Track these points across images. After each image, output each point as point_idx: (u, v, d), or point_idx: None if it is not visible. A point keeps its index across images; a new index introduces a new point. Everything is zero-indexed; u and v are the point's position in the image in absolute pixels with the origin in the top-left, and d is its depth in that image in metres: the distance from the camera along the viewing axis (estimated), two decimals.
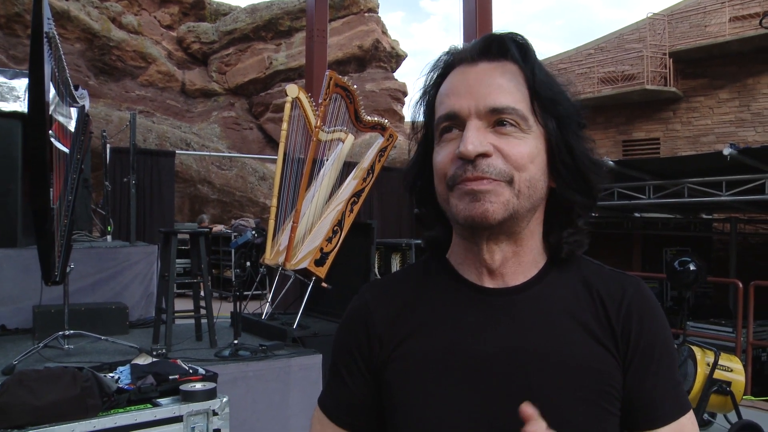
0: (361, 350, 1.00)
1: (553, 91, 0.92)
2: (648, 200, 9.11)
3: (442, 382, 0.92)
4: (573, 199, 0.94)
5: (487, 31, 9.02)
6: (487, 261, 0.94)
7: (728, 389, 4.58)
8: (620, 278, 0.98)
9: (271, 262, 4.67)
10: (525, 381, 0.89)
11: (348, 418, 1.02)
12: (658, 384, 0.93)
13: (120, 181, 7.29)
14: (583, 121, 0.96)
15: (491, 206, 0.88)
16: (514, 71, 0.92)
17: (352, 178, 5.04)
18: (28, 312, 4.35)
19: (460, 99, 0.91)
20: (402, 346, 0.96)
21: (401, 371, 0.96)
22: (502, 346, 0.91)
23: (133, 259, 5.28)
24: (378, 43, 21.04)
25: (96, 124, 12.38)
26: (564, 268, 0.98)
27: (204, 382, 2.74)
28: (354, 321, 1.03)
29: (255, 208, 16.56)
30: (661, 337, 0.95)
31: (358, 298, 1.05)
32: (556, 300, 0.94)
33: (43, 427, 2.20)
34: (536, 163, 0.90)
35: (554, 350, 0.90)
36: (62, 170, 3.67)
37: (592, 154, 0.95)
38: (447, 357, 0.93)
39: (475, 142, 0.87)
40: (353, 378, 1.01)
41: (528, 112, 0.90)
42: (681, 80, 15.27)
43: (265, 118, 19.52)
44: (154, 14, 19.83)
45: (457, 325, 0.94)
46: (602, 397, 0.89)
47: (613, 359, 0.91)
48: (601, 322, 0.93)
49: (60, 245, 3.52)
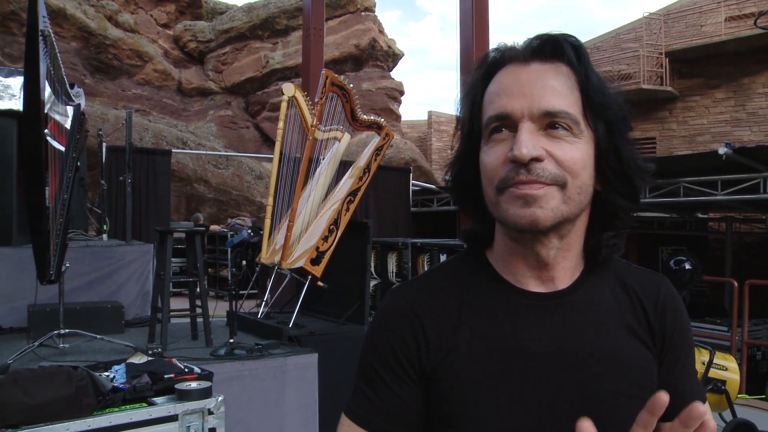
0: (409, 353, 0.94)
1: (604, 96, 0.91)
2: (644, 199, 9.11)
3: (497, 387, 0.90)
4: (618, 203, 0.95)
5: (483, 30, 9.03)
6: (541, 259, 0.94)
7: (723, 388, 4.59)
8: (651, 276, 1.03)
9: (267, 261, 4.67)
10: (580, 382, 0.90)
11: (385, 425, 0.95)
12: (685, 376, 0.99)
13: (116, 180, 7.28)
14: (630, 126, 0.95)
15: (541, 212, 0.87)
16: (567, 74, 0.90)
17: (348, 177, 5.03)
18: (23, 311, 4.33)
19: (513, 99, 0.89)
20: (453, 352, 0.93)
21: (453, 377, 0.92)
22: (554, 347, 0.92)
23: (128, 258, 5.27)
24: (375, 42, 21.02)
25: (92, 122, 12.35)
26: (600, 269, 1.00)
27: (199, 381, 2.74)
28: (398, 323, 0.97)
29: (251, 207, 16.53)
30: (688, 330, 1.01)
31: (395, 300, 1.00)
32: (599, 301, 0.97)
33: (37, 426, 2.20)
34: (587, 169, 0.90)
35: (603, 350, 0.92)
36: (58, 169, 3.67)
37: (639, 158, 0.95)
38: (500, 361, 0.91)
39: (528, 145, 0.86)
40: (400, 382, 0.95)
41: (580, 116, 0.89)
42: (677, 80, 15.32)
43: (261, 117, 19.50)
44: (151, 13, 19.79)
45: (508, 329, 0.93)
46: (647, 392, 0.89)
47: (651, 354, 0.96)
48: (640, 320, 0.97)
49: (55, 244, 3.52)
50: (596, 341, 0.93)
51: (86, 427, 2.29)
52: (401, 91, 21.66)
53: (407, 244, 8.92)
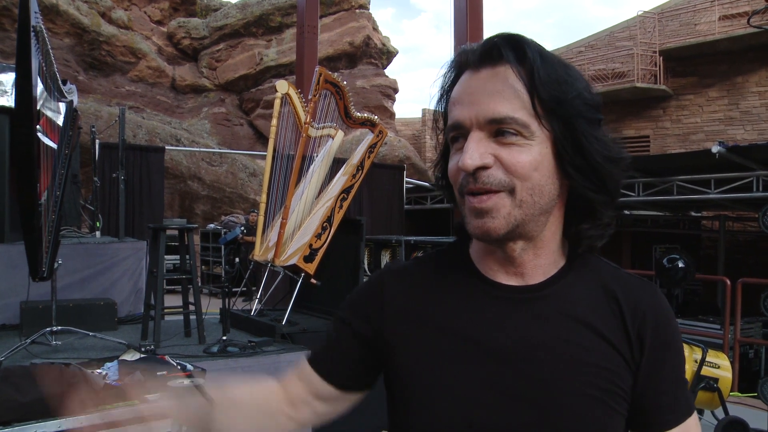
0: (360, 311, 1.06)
1: (558, 91, 0.89)
2: (637, 197, 9.14)
3: (454, 368, 0.94)
4: (589, 197, 0.93)
5: (477, 28, 9.04)
6: (508, 258, 0.96)
7: (715, 386, 4.59)
8: (637, 284, 1.00)
9: (261, 258, 4.67)
10: (537, 373, 0.91)
11: (326, 360, 1.08)
12: (667, 389, 0.96)
13: (109, 177, 7.25)
14: (596, 116, 0.93)
15: (492, 222, 0.89)
16: (515, 76, 0.89)
17: (342, 175, 5.03)
18: (15, 308, 4.32)
19: (463, 109, 0.91)
20: (411, 325, 0.99)
21: (408, 350, 0.98)
22: (516, 338, 0.93)
23: (121, 255, 5.26)
24: (369, 40, 21.02)
25: (85, 119, 12.31)
26: (583, 269, 0.99)
27: (192, 378, 2.73)
28: (365, 288, 1.09)
29: (245, 204, 16.52)
30: (674, 343, 0.97)
31: (376, 273, 1.10)
32: (573, 300, 0.96)
33: (29, 423, 2.19)
34: (541, 170, 0.89)
35: (566, 346, 0.92)
36: (50, 165, 3.64)
37: (609, 149, 0.92)
38: (460, 346, 0.94)
39: (474, 155, 0.87)
40: (344, 333, 1.07)
41: (530, 118, 0.88)
42: (671, 78, 15.36)
43: (255, 115, 19.48)
44: (144, 9, 19.72)
45: (473, 318, 0.96)
46: (608, 394, 0.91)
47: (623, 361, 0.93)
48: (615, 325, 0.95)
49: (47, 241, 3.50)
50: (560, 337, 0.93)
51: (78, 424, 2.28)
52: (395, 89, 21.66)
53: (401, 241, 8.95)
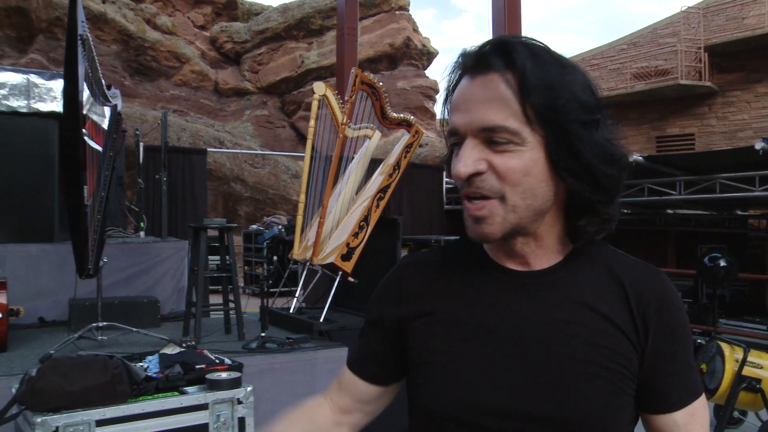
0: (385, 308, 1.10)
1: (549, 97, 0.89)
2: (679, 196, 8.99)
3: (465, 346, 0.99)
4: (586, 196, 0.95)
5: (516, 27, 9.00)
6: (511, 250, 1.01)
7: (758, 386, 4.51)
8: (643, 269, 1.02)
9: (299, 257, 4.75)
10: (541, 353, 0.95)
11: (362, 363, 1.15)
12: (674, 371, 0.98)
13: (153, 179, 7.44)
14: (593, 117, 0.92)
15: (488, 228, 0.94)
16: (503, 84, 0.90)
17: (379, 174, 5.08)
18: (64, 305, 4.49)
19: (459, 116, 0.94)
20: (427, 310, 1.04)
21: (423, 334, 1.04)
22: (523, 319, 0.97)
23: (164, 254, 5.40)
24: (409, 41, 21.04)
25: (131, 123, 12.62)
26: (590, 256, 1.02)
27: (229, 372, 2.82)
28: (386, 284, 1.14)
29: (288, 205, 16.69)
30: (679, 326, 0.99)
31: (395, 267, 1.16)
32: (578, 285, 0.99)
33: (75, 411, 2.30)
34: (533, 174, 0.91)
35: (569, 327, 0.96)
36: (95, 167, 3.78)
37: (605, 150, 0.93)
38: (471, 326, 0.99)
39: (468, 162, 0.91)
40: (375, 332, 1.12)
41: (520, 125, 0.89)
42: (716, 74, 15.02)
43: (297, 117, 19.66)
44: (188, 15, 20.09)
45: (483, 301, 1.00)
46: (613, 374, 0.94)
47: (629, 343, 0.96)
48: (621, 309, 0.97)
49: (93, 240, 3.64)
50: (565, 317, 0.96)
51: (120, 413, 2.39)
52: (436, 90, 21.62)
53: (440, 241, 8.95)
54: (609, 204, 0.97)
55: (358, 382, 1.15)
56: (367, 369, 1.14)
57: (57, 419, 2.25)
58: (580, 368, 0.93)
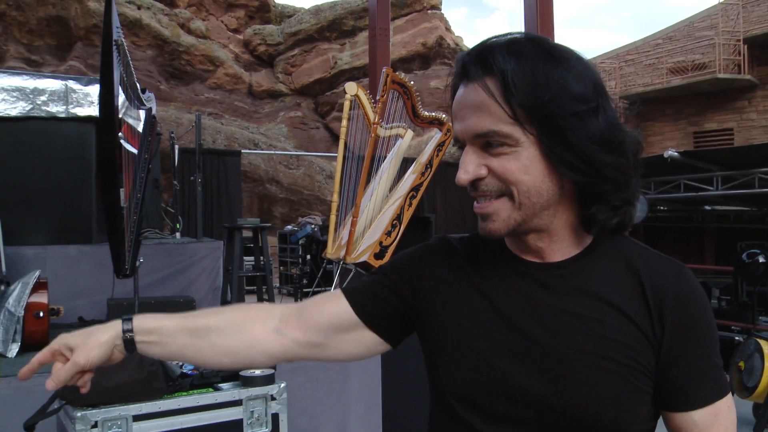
0: (410, 274, 1.10)
1: (534, 94, 0.90)
2: (716, 191, 8.81)
3: (474, 332, 1.01)
4: (593, 187, 0.94)
5: (548, 24, 8.94)
6: (526, 245, 1.02)
7: None
8: (664, 262, 1.00)
9: (333, 256, 4.78)
10: (551, 344, 0.95)
11: (359, 295, 1.11)
12: (693, 368, 0.96)
13: (188, 181, 7.54)
14: (587, 106, 0.91)
15: (494, 225, 0.97)
16: (484, 90, 0.92)
17: (411, 173, 5.08)
18: (102, 305, 4.57)
19: (457, 124, 0.98)
20: (445, 293, 1.06)
21: (440, 316, 1.05)
22: (536, 310, 0.98)
23: (200, 254, 5.46)
24: (442, 40, 21.02)
25: (167, 126, 12.82)
26: (609, 248, 1.01)
27: (263, 369, 2.85)
28: (423, 249, 1.15)
29: (323, 206, 16.79)
30: (700, 322, 0.96)
31: (435, 239, 1.16)
32: (594, 278, 0.98)
33: (113, 406, 2.35)
34: (532, 173, 0.93)
35: (582, 320, 0.95)
36: (131, 170, 3.85)
37: (602, 138, 0.91)
38: (482, 313, 1.01)
39: (468, 169, 0.95)
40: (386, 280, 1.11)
41: (511, 127, 0.91)
42: (757, 67, 14.69)
43: (331, 117, 19.78)
44: (221, 19, 20.35)
45: (499, 290, 1.02)
46: (627, 369, 0.93)
47: (644, 338, 0.94)
48: (637, 303, 0.96)
49: (129, 241, 3.70)
50: (572, 311, 0.96)
51: (157, 408, 2.43)
52: None
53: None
54: (618, 191, 0.95)
55: (344, 306, 1.10)
56: (362, 300, 1.11)
57: (96, 414, 2.30)
58: (590, 362, 0.93)
